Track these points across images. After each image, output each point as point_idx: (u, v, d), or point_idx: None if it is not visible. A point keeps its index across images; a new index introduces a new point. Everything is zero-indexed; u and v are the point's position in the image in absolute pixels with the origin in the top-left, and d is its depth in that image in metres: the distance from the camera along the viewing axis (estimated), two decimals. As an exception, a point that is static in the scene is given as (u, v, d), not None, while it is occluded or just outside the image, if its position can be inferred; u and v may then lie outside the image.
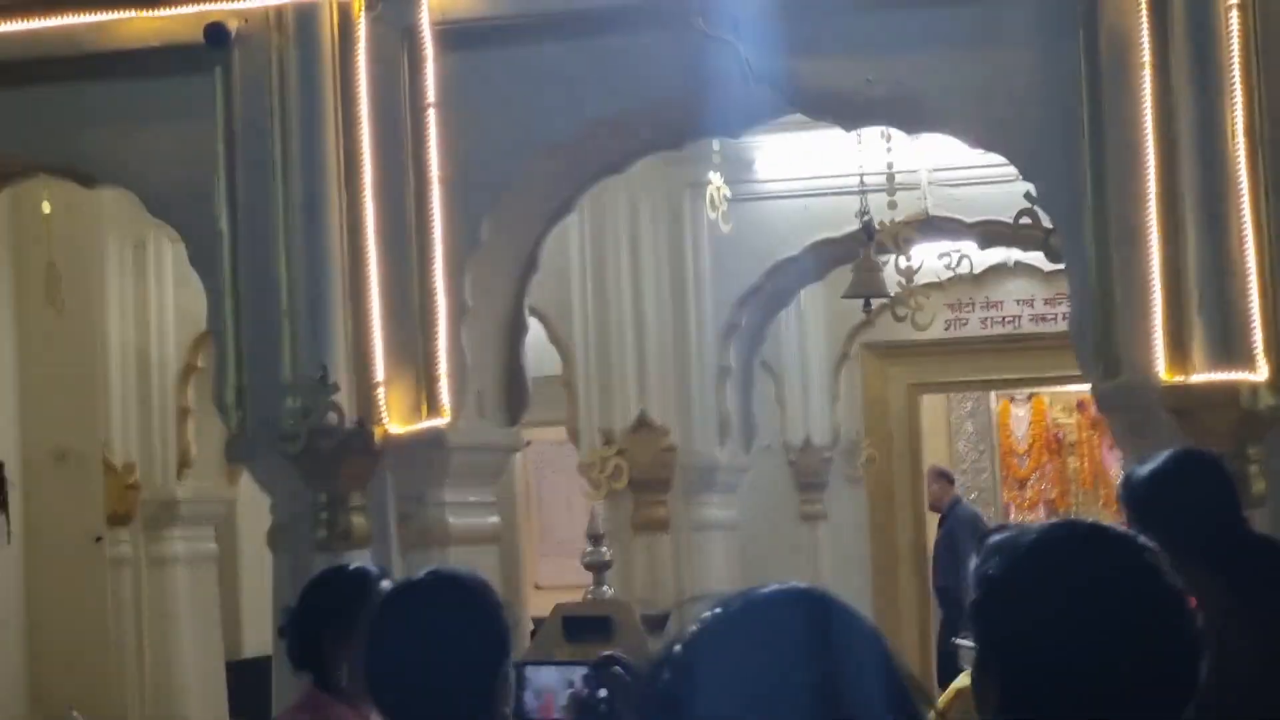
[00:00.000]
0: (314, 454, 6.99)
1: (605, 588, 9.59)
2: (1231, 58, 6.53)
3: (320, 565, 6.91)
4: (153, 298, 10.75)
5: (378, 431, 7.07)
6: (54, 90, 7.56)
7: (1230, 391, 6.44)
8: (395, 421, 7.12)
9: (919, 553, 13.48)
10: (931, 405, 14.79)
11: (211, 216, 7.28)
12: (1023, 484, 17.48)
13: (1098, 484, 17.59)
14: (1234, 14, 6.52)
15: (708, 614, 1.98)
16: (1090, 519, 2.45)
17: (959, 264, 10.63)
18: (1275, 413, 6.45)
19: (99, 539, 10.49)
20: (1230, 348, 6.48)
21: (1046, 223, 7.80)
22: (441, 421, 7.12)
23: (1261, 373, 6.45)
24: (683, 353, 10.65)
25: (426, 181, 7.17)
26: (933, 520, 14.97)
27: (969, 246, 10.88)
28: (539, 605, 8.47)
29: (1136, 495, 4.71)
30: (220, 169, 7.27)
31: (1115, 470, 17.52)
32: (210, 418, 8.55)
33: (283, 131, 7.17)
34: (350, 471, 7.06)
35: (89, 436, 10.53)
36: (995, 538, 4.61)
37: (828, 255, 10.68)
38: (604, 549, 9.64)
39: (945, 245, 10.49)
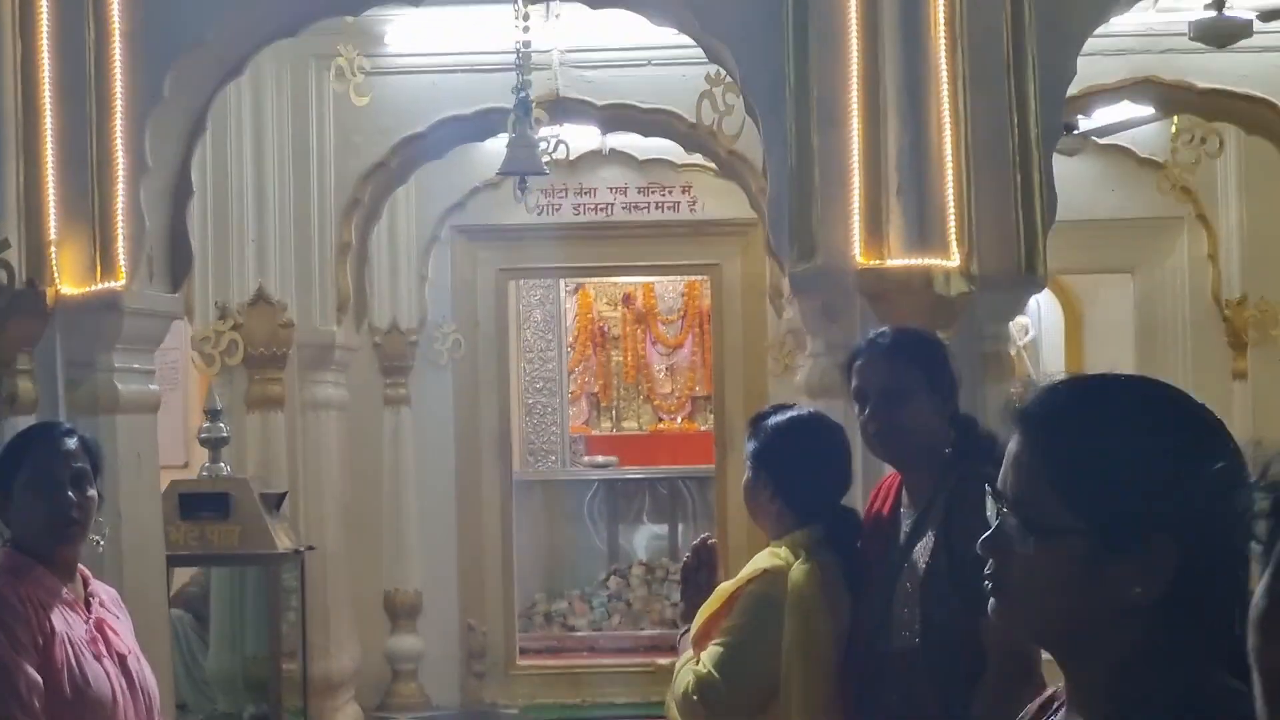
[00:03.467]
0: (-21, 314, 6.59)
1: (221, 465, 9.36)
2: (934, -52, 6.66)
3: (-17, 429, 6.59)
4: None
5: (49, 292, 6.72)
6: None
7: (924, 277, 6.58)
8: (67, 282, 6.76)
9: (503, 440, 13.47)
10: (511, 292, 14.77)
11: None
12: (567, 375, 17.64)
13: (640, 378, 17.88)
14: (938, -97, 6.65)
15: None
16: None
17: (555, 149, 10.60)
18: (966, 299, 6.62)
19: None
20: (925, 234, 6.63)
21: (720, 105, 7.88)
22: (117, 284, 6.80)
23: (954, 259, 6.61)
24: (303, 228, 10.40)
25: (108, 33, 6.79)
26: (518, 406, 15.00)
27: (593, 130, 10.93)
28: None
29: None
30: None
31: (657, 365, 17.90)
32: None
33: (-50, -23, 6.70)
34: (18, 333, 6.69)
35: None
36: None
37: (453, 133, 10.55)
38: (221, 425, 9.40)
39: (571, 128, 10.49)
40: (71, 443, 4.63)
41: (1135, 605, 1.93)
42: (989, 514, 2.08)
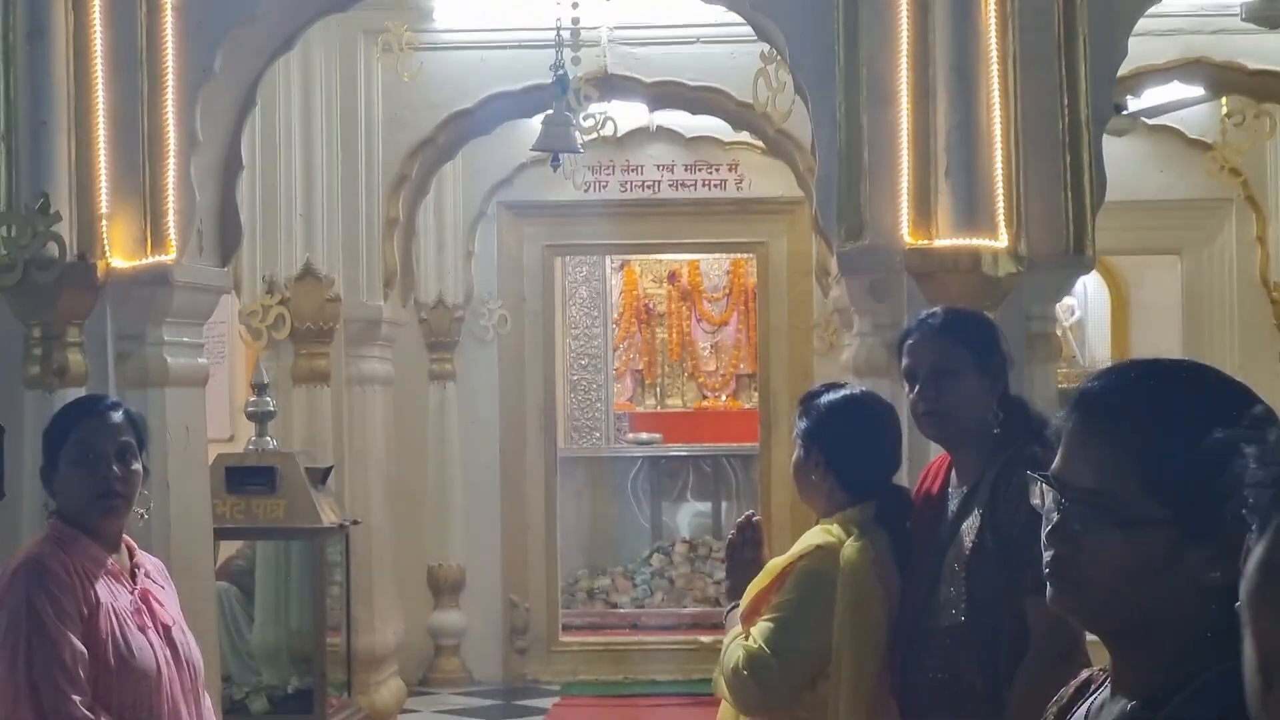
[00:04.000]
0: (30, 286, 6.61)
1: (268, 438, 9.39)
2: (985, -75, 6.63)
3: (32, 403, 6.61)
4: None
5: (100, 265, 6.74)
6: None
7: (972, 257, 6.54)
8: (118, 255, 6.79)
9: (548, 416, 13.49)
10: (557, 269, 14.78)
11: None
12: (612, 352, 17.63)
13: (685, 356, 17.87)
14: (990, -122, 6.61)
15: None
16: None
17: (603, 126, 10.60)
18: (1014, 279, 6.59)
19: None
20: (973, 214, 6.59)
21: (774, 83, 7.86)
22: (167, 258, 6.82)
23: (1003, 239, 6.58)
24: (351, 203, 10.42)
25: (159, 7, 6.80)
26: (563, 382, 15.03)
27: (641, 107, 10.92)
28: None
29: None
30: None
31: (702, 343, 17.88)
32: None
33: (4, -49, 6.71)
34: (69, 306, 6.69)
35: None
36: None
37: (501, 109, 10.56)
38: (268, 399, 9.43)
39: (619, 105, 10.49)
40: (117, 416, 4.66)
41: (1209, 588, 1.94)
42: (1035, 501, 2.08)
